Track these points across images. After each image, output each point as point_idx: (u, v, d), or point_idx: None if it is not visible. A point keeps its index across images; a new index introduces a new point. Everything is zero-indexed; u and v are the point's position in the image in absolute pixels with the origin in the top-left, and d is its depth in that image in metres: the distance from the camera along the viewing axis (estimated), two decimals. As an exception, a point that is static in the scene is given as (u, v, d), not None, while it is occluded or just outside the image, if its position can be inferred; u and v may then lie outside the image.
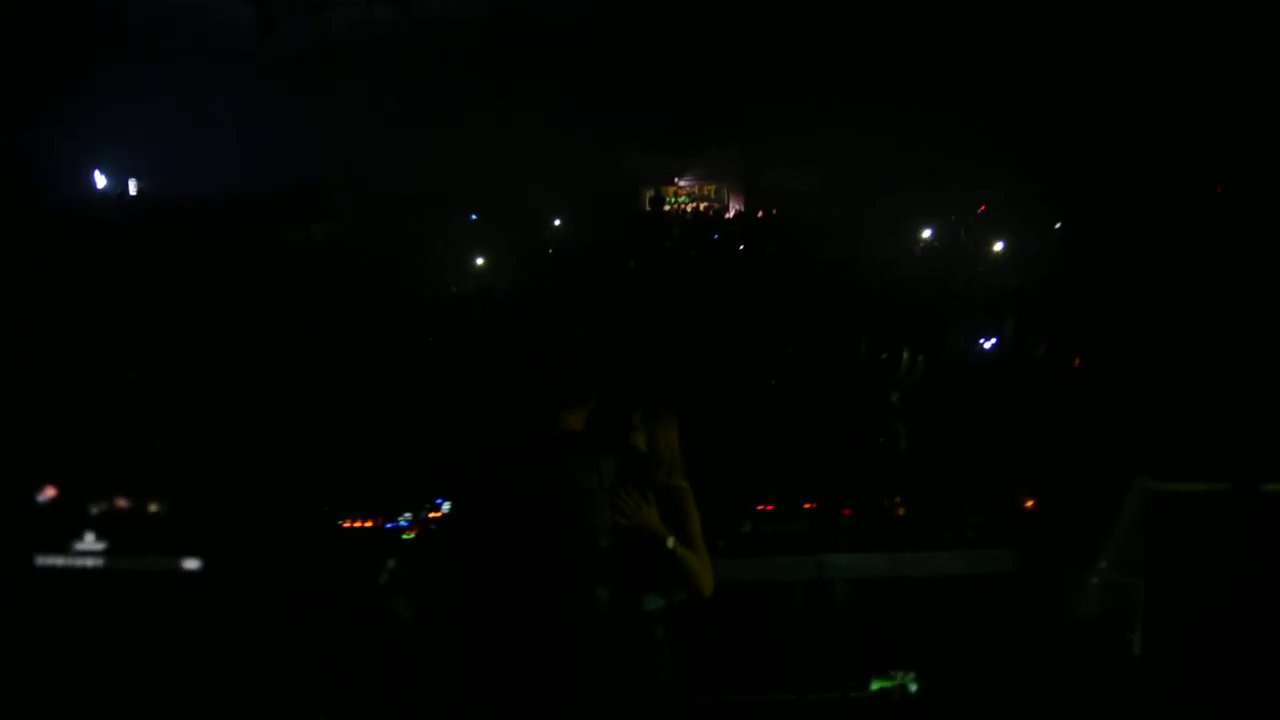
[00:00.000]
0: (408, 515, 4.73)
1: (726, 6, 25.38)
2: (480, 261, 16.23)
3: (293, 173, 22.19)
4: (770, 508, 4.72)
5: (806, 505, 4.70)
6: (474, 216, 22.76)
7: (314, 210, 20.55)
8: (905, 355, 5.44)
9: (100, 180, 24.10)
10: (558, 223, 24.85)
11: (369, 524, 4.67)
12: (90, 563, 2.53)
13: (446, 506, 4.58)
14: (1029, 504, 4.42)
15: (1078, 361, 6.74)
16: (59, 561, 2.55)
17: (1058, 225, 18.40)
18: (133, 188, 24.49)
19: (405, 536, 4.66)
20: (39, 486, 2.65)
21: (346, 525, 4.63)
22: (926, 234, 20.44)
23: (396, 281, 12.88)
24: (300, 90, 24.10)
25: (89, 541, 2.56)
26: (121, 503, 2.63)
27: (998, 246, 17.01)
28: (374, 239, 18.14)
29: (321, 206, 21.15)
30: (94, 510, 2.61)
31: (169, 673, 2.50)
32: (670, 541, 3.15)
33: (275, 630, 2.73)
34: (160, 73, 21.78)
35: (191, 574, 2.52)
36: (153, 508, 2.66)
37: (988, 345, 8.21)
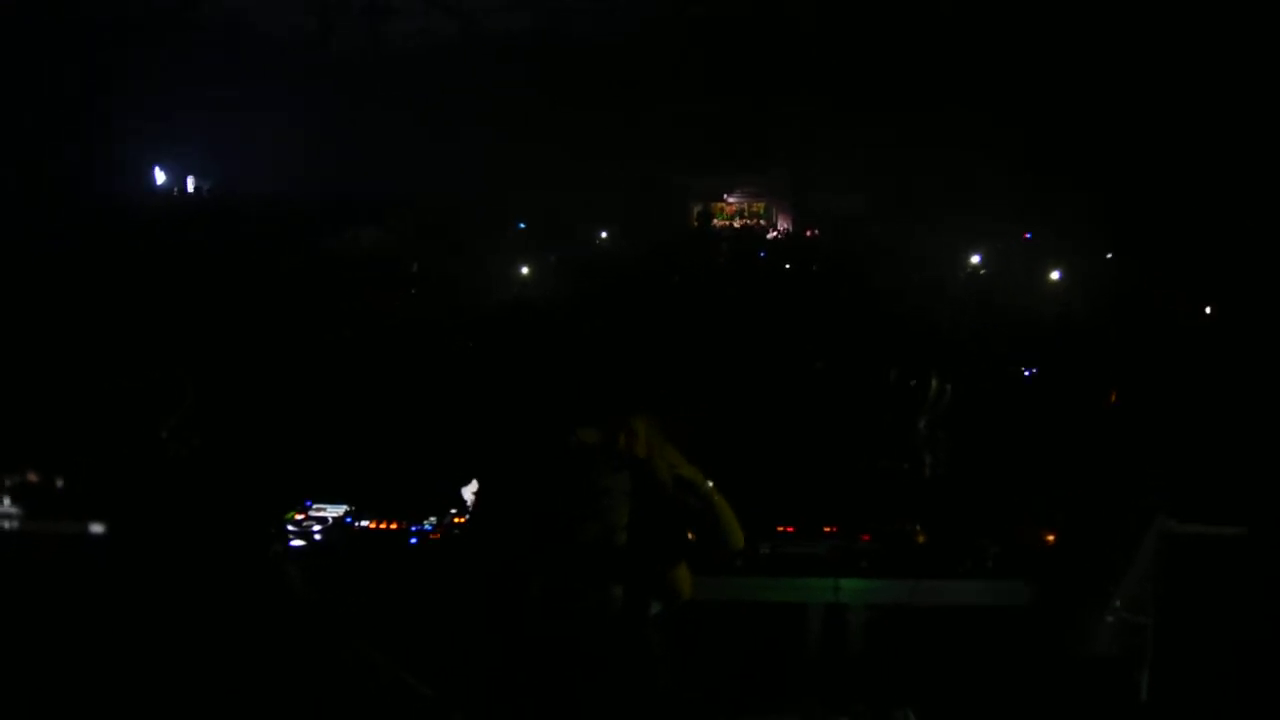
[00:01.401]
0: (432, 519, 4.80)
1: (781, 28, 25.39)
2: (525, 271, 16.39)
3: (344, 179, 22.53)
4: (791, 530, 4.73)
5: (827, 529, 4.71)
6: (522, 225, 22.97)
7: (364, 216, 20.85)
8: (934, 383, 5.43)
9: (160, 176, 24.63)
10: (604, 235, 24.99)
11: (394, 526, 4.75)
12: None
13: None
14: (1049, 538, 4.39)
15: (1114, 396, 6.67)
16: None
17: (1109, 255, 18.19)
18: (190, 185, 25.00)
19: (430, 539, 4.74)
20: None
21: (371, 527, 4.72)
22: (975, 259, 20.32)
23: (440, 289, 13.03)
24: (356, 98, 24.48)
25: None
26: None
27: (1048, 275, 16.87)
28: (420, 246, 18.35)
29: (371, 213, 21.44)
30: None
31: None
32: (709, 485, 3.21)
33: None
34: (223, 76, 22.22)
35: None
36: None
37: (1027, 373, 8.16)
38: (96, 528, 2.51)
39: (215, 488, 2.77)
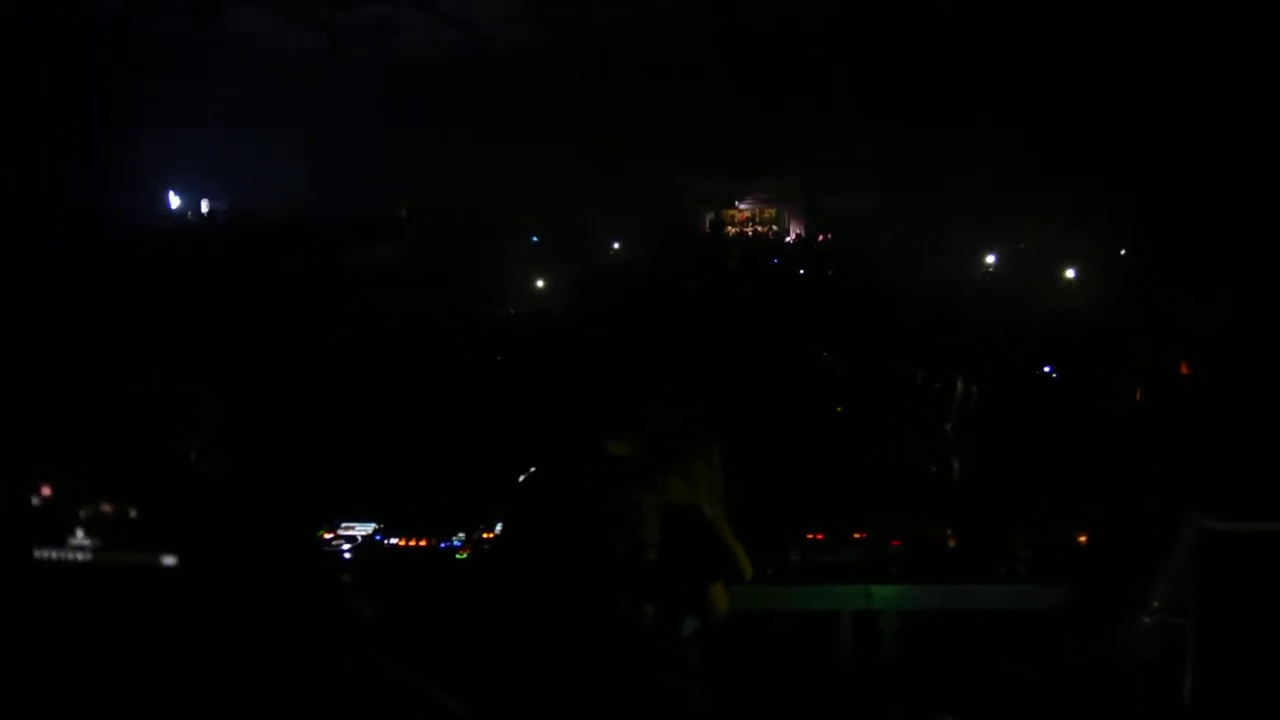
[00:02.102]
0: (461, 535, 4.80)
1: (788, 32, 25.40)
2: (540, 284, 16.40)
3: (358, 194, 22.67)
4: (820, 536, 4.71)
5: (856, 535, 4.69)
6: (535, 239, 23.02)
7: (377, 231, 20.95)
8: (959, 385, 5.42)
9: (174, 200, 24.83)
10: (616, 245, 25.00)
11: (423, 543, 4.75)
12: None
13: (499, 526, 4.64)
14: (1081, 539, 4.36)
15: (1140, 394, 6.62)
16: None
17: (1122, 252, 18.10)
18: (204, 207, 25.19)
19: (459, 556, 4.74)
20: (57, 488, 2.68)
21: (400, 545, 4.72)
22: (990, 260, 20.24)
23: (454, 301, 13.05)
24: (366, 113, 24.61)
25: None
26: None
27: (1064, 274, 16.79)
28: (433, 259, 18.42)
29: (385, 227, 21.54)
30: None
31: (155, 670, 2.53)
32: (707, 511, 3.17)
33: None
34: (233, 97, 22.37)
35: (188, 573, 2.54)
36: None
37: (1049, 371, 8.11)
38: (169, 560, 2.49)
39: (264, 511, 2.75)
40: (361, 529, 4.81)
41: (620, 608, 3.09)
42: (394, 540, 4.74)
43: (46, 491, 2.66)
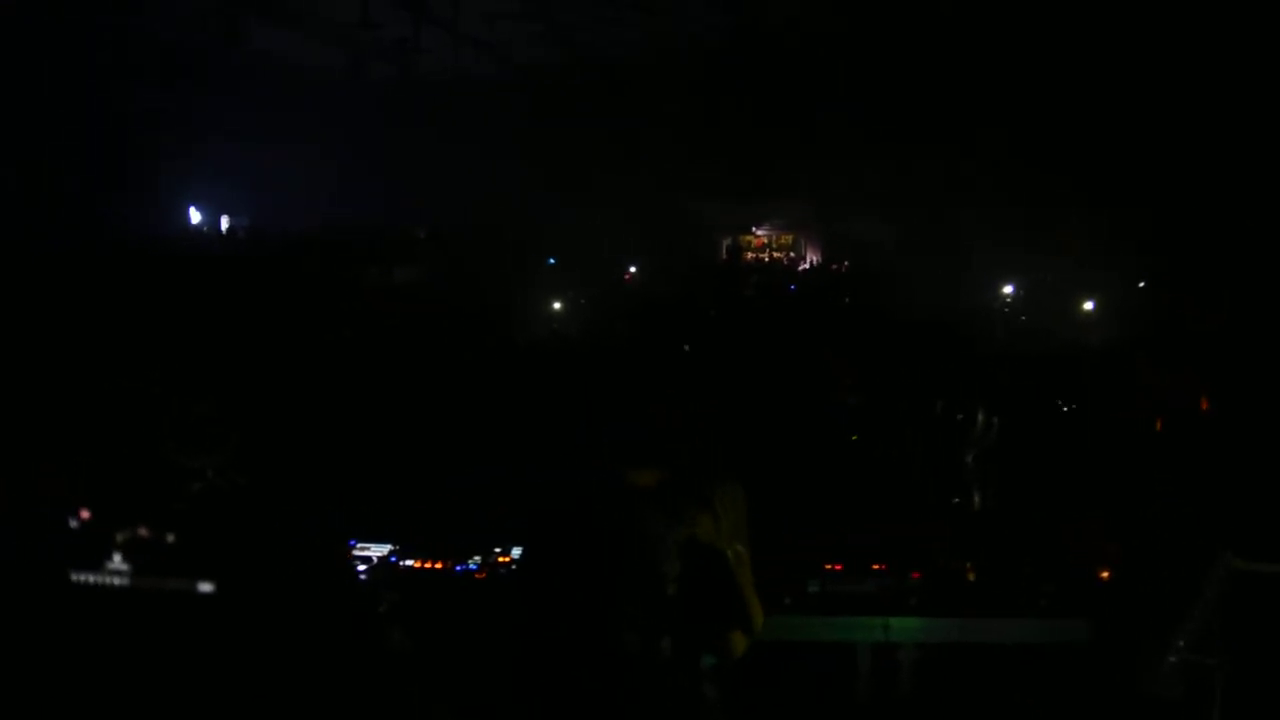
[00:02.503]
0: (477, 559, 4.78)
1: (806, 57, 25.50)
2: (557, 306, 16.40)
3: (378, 214, 22.78)
4: (839, 567, 4.67)
5: (875, 566, 4.65)
6: (552, 261, 23.08)
7: (397, 252, 21.02)
8: (980, 416, 5.39)
9: (195, 215, 24.98)
10: (633, 270, 25.01)
11: (438, 566, 4.74)
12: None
13: (516, 552, 4.62)
14: (1105, 574, 4.31)
15: (1160, 424, 6.55)
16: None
17: (1141, 285, 18.00)
18: (224, 223, 25.33)
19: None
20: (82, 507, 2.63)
21: (416, 566, 4.70)
22: (1008, 290, 20.14)
23: (474, 324, 13.06)
24: (386, 132, 24.79)
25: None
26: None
27: (1083, 304, 16.67)
28: (453, 282, 18.49)
29: (404, 248, 21.62)
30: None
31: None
32: (730, 554, 3.12)
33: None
34: (255, 113, 22.50)
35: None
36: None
37: (1065, 403, 8.04)
38: (205, 586, 2.44)
39: (299, 531, 2.70)
40: (377, 550, 4.79)
41: (636, 641, 3.05)
42: (409, 562, 4.73)
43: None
